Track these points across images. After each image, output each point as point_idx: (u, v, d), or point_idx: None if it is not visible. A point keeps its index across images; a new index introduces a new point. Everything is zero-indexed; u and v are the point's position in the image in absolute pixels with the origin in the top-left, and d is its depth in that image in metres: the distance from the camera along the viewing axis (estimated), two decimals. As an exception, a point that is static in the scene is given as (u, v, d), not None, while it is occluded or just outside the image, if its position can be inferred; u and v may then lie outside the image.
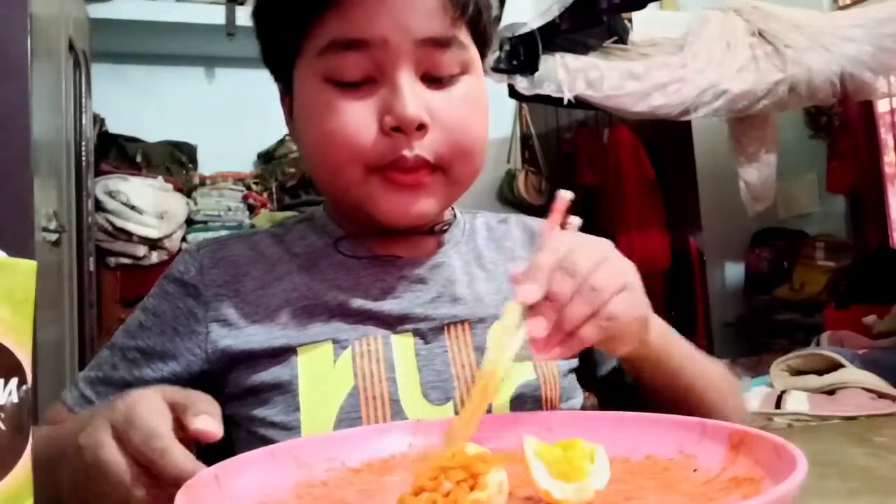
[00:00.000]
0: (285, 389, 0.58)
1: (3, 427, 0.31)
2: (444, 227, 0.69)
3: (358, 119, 0.57)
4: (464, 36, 0.60)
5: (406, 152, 0.57)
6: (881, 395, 1.64)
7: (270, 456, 0.44)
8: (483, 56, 0.64)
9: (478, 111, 0.62)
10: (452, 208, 0.72)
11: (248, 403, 0.60)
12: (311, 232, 0.68)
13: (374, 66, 0.57)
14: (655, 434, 0.47)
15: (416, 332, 0.62)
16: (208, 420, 0.42)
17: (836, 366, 1.76)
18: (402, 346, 0.62)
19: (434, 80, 0.59)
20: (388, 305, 0.63)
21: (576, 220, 0.58)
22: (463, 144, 0.60)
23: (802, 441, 0.60)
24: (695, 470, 0.43)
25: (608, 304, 0.48)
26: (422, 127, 0.57)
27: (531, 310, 0.47)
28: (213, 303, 0.63)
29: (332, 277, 0.64)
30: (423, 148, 0.58)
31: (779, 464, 0.37)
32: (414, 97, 0.57)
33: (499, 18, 2.01)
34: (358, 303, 0.62)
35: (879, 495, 0.40)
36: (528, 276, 0.48)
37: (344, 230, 0.67)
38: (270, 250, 0.66)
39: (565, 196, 0.55)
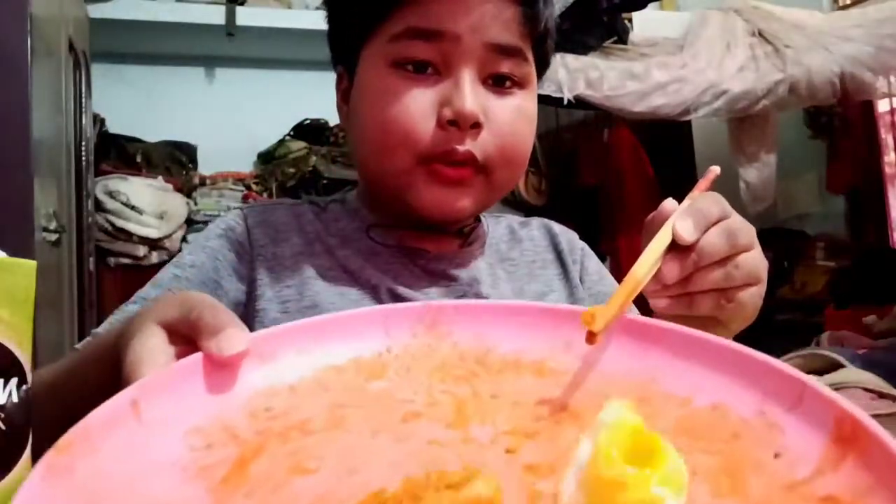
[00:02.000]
0: None
1: (3, 427, 0.31)
2: (471, 229, 0.71)
3: (417, 107, 0.59)
4: (528, 52, 0.62)
5: (457, 146, 0.59)
6: (881, 395, 1.64)
7: (217, 365, 0.33)
8: (538, 78, 0.66)
9: (528, 124, 0.64)
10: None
11: None
12: (343, 215, 0.70)
13: (442, 58, 0.59)
14: (735, 375, 0.33)
15: None
16: (231, 337, 0.34)
17: (836, 366, 1.76)
18: None
19: (493, 85, 0.61)
20: (417, 295, 0.64)
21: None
22: (510, 151, 0.62)
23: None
24: (776, 456, 0.29)
25: (740, 291, 0.46)
26: (476, 125, 0.59)
27: (672, 248, 0.44)
28: (255, 262, 0.64)
29: (364, 260, 0.65)
30: (473, 146, 0.60)
31: None
32: (473, 95, 0.59)
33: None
34: (388, 287, 0.64)
35: (880, 495, 0.39)
36: (690, 212, 0.45)
37: (375, 218, 0.68)
38: (311, 226, 0.68)
39: (716, 170, 0.53)
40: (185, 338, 0.36)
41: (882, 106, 2.71)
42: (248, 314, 0.63)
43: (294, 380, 0.35)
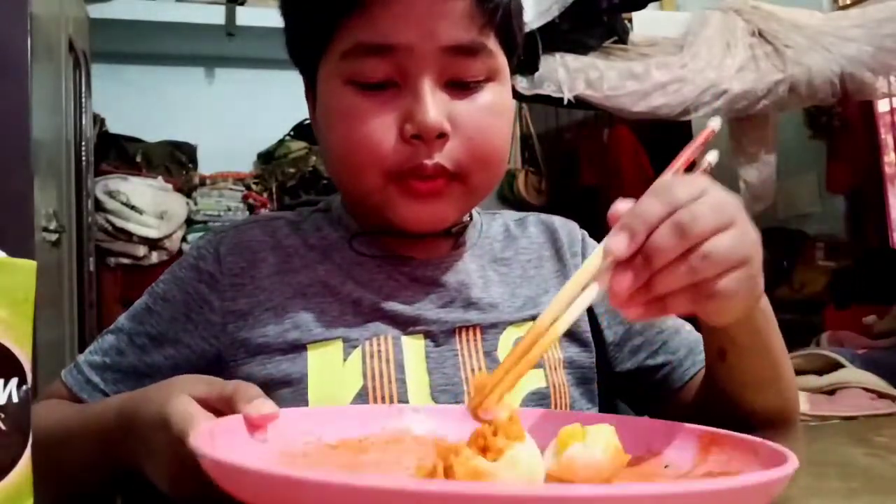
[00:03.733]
0: (294, 386, 0.58)
1: (3, 427, 0.31)
2: (461, 229, 0.68)
3: (379, 126, 0.57)
4: (492, 43, 0.59)
5: (426, 160, 0.57)
6: (881, 395, 1.64)
7: (251, 426, 0.42)
8: (510, 61, 0.63)
9: (501, 120, 0.61)
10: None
11: None
12: (326, 224, 0.68)
13: (398, 71, 0.57)
14: (621, 433, 0.42)
15: (427, 335, 0.62)
16: (265, 403, 0.42)
17: (836, 366, 1.76)
18: (413, 347, 0.61)
19: (458, 86, 0.58)
20: (401, 306, 0.62)
21: (712, 157, 0.49)
22: (483, 153, 0.59)
23: (802, 441, 0.60)
24: (666, 466, 0.42)
25: (717, 281, 0.41)
26: (442, 135, 0.57)
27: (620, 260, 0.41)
28: (228, 292, 0.62)
29: (346, 274, 0.64)
30: (442, 156, 0.57)
31: (756, 460, 0.37)
32: (435, 105, 0.56)
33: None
34: (370, 301, 0.62)
35: (879, 495, 0.40)
36: (626, 221, 0.41)
37: (359, 226, 0.66)
38: (288, 240, 0.66)
39: (714, 124, 0.46)
40: (214, 410, 0.43)
41: (882, 106, 2.71)
42: (227, 344, 0.62)
43: (302, 448, 0.44)
